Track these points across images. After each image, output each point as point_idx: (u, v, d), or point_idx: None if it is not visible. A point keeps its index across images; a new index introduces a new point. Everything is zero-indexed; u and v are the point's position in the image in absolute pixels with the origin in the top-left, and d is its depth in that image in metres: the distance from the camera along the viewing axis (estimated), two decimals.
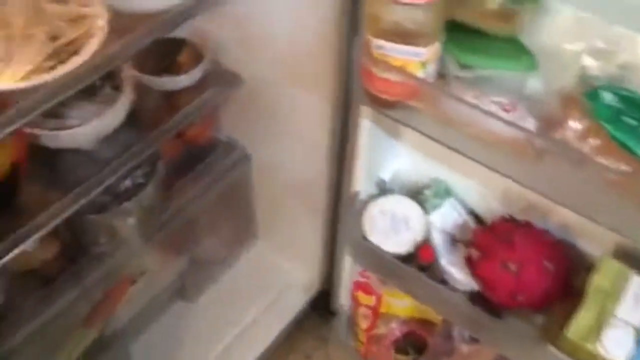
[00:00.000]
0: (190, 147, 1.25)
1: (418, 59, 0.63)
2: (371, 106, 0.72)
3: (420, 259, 0.92)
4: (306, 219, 1.30)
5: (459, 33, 0.64)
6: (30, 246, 1.06)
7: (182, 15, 0.90)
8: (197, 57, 1.07)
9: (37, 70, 0.78)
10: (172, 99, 1.09)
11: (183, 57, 1.06)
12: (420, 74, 0.64)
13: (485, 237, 0.86)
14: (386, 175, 1.00)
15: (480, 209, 0.96)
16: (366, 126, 0.87)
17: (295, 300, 1.47)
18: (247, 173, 1.34)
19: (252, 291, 1.48)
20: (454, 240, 0.95)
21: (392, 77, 0.64)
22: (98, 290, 1.13)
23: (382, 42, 0.62)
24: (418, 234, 0.95)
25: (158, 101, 1.09)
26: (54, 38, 0.81)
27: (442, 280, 0.95)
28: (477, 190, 0.94)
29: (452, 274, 0.93)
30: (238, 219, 1.48)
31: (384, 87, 0.66)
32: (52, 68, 0.79)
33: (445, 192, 0.96)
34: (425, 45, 0.62)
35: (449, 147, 0.68)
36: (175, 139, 1.20)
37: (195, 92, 1.09)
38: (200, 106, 1.09)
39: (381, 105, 0.70)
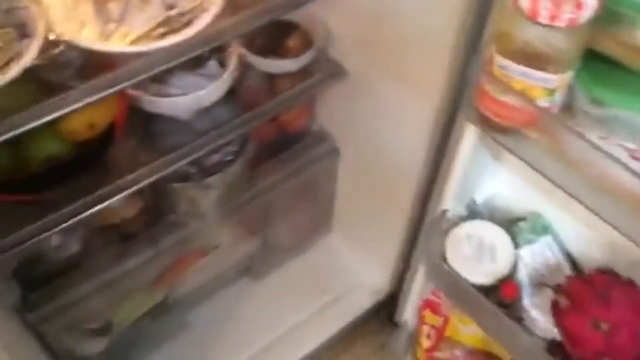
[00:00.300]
0: (282, 132, 1.23)
1: (545, 86, 0.57)
2: (479, 126, 0.67)
3: (501, 294, 0.86)
4: (386, 224, 1.26)
5: (596, 64, 0.57)
6: (114, 203, 1.09)
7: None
8: (306, 43, 1.04)
9: (147, 37, 0.79)
10: (274, 81, 1.08)
11: (292, 41, 1.03)
12: (544, 102, 0.58)
13: (579, 287, 0.79)
14: (479, 197, 0.94)
15: (579, 254, 0.88)
16: (468, 143, 0.81)
17: (359, 302, 1.44)
18: (333, 166, 1.31)
19: (317, 284, 1.46)
20: (541, 281, 0.88)
21: (511, 100, 0.59)
22: (170, 255, 1.15)
23: (507, 62, 0.57)
24: (504, 267, 0.88)
25: (260, 82, 1.08)
26: (169, 7, 0.82)
27: (520, 319, 0.89)
28: (580, 233, 0.86)
29: (532, 317, 0.86)
30: (316, 210, 1.46)
31: (499, 110, 0.61)
32: (163, 36, 0.79)
33: (542, 229, 0.89)
34: (555, 72, 0.56)
35: (558, 186, 0.62)
36: (269, 122, 1.19)
37: (297, 78, 1.07)
38: (301, 93, 1.07)
39: (491, 127, 0.64)
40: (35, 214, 0.91)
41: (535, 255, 0.89)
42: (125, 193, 0.96)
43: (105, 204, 0.94)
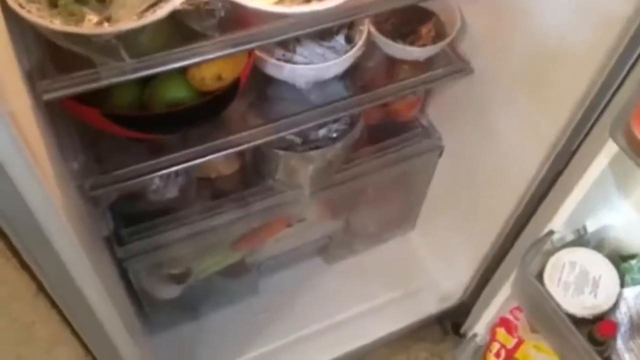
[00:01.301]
0: (390, 119, 1.21)
1: None
2: (627, 150, 0.63)
3: (598, 331, 0.81)
4: (473, 233, 1.22)
5: None
6: (217, 158, 1.11)
7: None
8: (439, 34, 1.02)
9: (292, 0, 0.79)
10: (395, 66, 1.06)
11: (425, 29, 1.01)
12: None
13: None
14: (591, 225, 0.89)
15: None
16: (600, 166, 0.77)
17: (427, 305, 1.41)
18: (433, 163, 1.28)
19: (389, 278, 1.44)
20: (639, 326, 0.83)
21: None
22: (257, 219, 1.16)
23: None
24: (604, 303, 0.83)
25: (382, 65, 1.07)
26: None
27: (608, 359, 0.84)
28: None
29: None
30: (404, 204, 1.43)
31: None
32: (307, 2, 0.78)
33: None
34: None
35: None
36: (379, 108, 1.18)
37: (421, 67, 1.05)
38: (421, 83, 1.05)
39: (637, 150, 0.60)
40: (145, 155, 0.94)
41: None
42: (231, 150, 0.97)
43: (211, 157, 0.96)
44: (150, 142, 0.95)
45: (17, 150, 0.59)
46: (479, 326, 1.22)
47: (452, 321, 1.42)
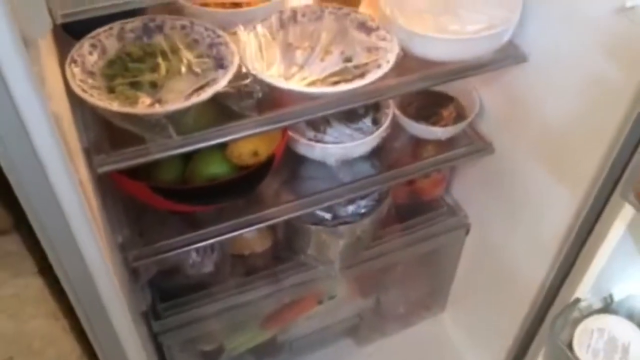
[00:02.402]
0: (416, 198, 1.26)
1: None
2: (637, 206, 0.66)
3: None
4: (506, 309, 1.22)
5: None
6: (250, 233, 1.17)
7: (463, 70, 0.94)
8: (459, 116, 1.09)
9: (322, 82, 0.87)
10: (419, 146, 1.13)
11: (447, 112, 1.09)
12: None
13: None
14: (618, 295, 0.91)
15: None
16: (618, 232, 0.80)
17: None
18: (459, 242, 1.31)
19: None
20: None
21: None
22: (289, 295, 1.19)
23: None
24: None
25: (406, 145, 1.13)
26: (347, 59, 0.90)
27: None
28: None
29: None
30: (433, 285, 1.45)
31: None
32: (336, 83, 0.86)
33: None
34: None
35: None
36: (405, 185, 1.23)
37: (443, 147, 1.11)
38: (444, 162, 1.11)
39: None
40: (184, 229, 1.00)
41: None
42: (264, 224, 1.03)
43: (245, 230, 1.02)
44: (189, 218, 1.01)
45: (84, 218, 0.65)
46: None
47: None
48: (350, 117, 1.08)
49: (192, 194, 0.91)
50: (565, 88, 0.93)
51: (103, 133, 0.85)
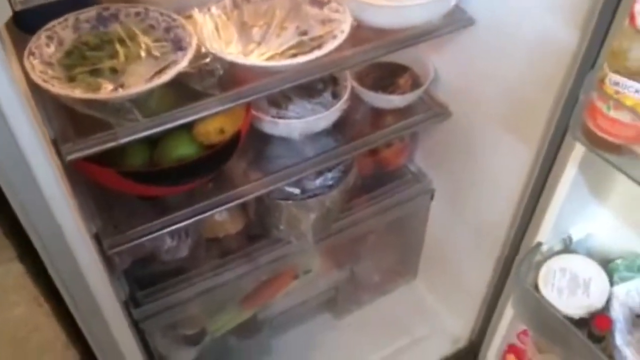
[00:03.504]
0: (381, 168, 1.30)
1: None
2: (588, 146, 0.71)
3: (593, 327, 0.86)
4: (475, 265, 1.28)
5: None
6: (222, 216, 1.19)
7: (414, 37, 0.97)
8: (415, 84, 1.13)
9: (281, 55, 0.90)
10: (379, 117, 1.16)
11: (403, 80, 1.12)
12: None
13: None
14: (576, 234, 0.96)
15: None
16: (571, 173, 0.85)
17: (439, 349, 1.43)
18: (425, 207, 1.36)
19: (397, 327, 1.48)
20: (635, 320, 0.87)
21: (620, 116, 0.63)
22: (265, 272, 1.22)
23: (619, 78, 0.62)
24: (597, 301, 0.89)
25: (366, 116, 1.17)
26: (302, 33, 0.93)
27: (611, 357, 0.88)
28: None
29: (625, 355, 0.85)
30: (404, 251, 1.50)
31: (609, 127, 0.65)
32: (294, 56, 0.89)
33: (639, 268, 0.90)
34: None
35: None
36: (369, 157, 1.27)
37: (402, 115, 1.15)
38: (403, 128, 1.15)
39: (600, 146, 0.69)
40: (156, 214, 1.01)
41: (631, 294, 0.89)
42: (235, 202, 1.05)
43: (217, 209, 1.04)
44: (160, 203, 1.03)
45: (66, 202, 0.67)
46: (491, 358, 1.25)
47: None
48: (310, 92, 1.10)
49: (162, 176, 0.93)
50: (512, 47, 0.97)
51: (67, 123, 0.86)
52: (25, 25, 0.88)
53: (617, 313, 0.88)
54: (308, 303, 1.41)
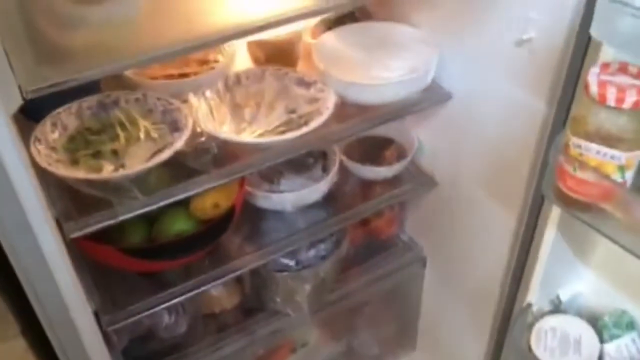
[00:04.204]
0: (372, 238, 1.34)
1: (616, 162, 0.66)
2: (561, 206, 0.75)
3: None
4: (470, 332, 1.28)
5: None
6: (218, 291, 1.21)
7: (397, 111, 1.04)
8: (401, 155, 1.19)
9: (271, 132, 0.95)
10: (368, 188, 1.21)
11: (389, 152, 1.18)
12: (617, 177, 0.67)
13: None
14: (564, 295, 0.99)
15: None
16: (552, 235, 0.89)
17: None
18: (419, 275, 1.38)
19: None
20: None
21: (587, 176, 0.68)
22: (263, 346, 1.22)
23: (581, 142, 0.67)
24: (588, 359, 0.90)
25: (356, 187, 1.22)
26: (291, 111, 0.99)
27: None
28: None
29: None
30: (401, 321, 1.50)
31: (577, 187, 0.70)
32: (283, 132, 0.95)
33: (628, 326, 0.91)
34: (626, 150, 0.65)
35: (637, 257, 0.68)
36: (360, 227, 1.31)
37: (390, 186, 1.20)
38: (391, 198, 1.19)
39: (571, 206, 0.73)
40: (154, 291, 1.04)
41: (621, 350, 0.90)
42: (231, 275, 1.08)
43: (214, 283, 1.07)
44: (158, 280, 1.05)
45: (73, 285, 0.71)
46: None
47: None
48: (301, 167, 1.16)
49: (160, 251, 0.96)
50: (488, 118, 1.04)
51: (70, 203, 0.90)
52: (29, 112, 0.94)
53: None
54: None
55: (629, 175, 0.68)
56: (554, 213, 0.87)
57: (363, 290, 1.30)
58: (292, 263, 1.18)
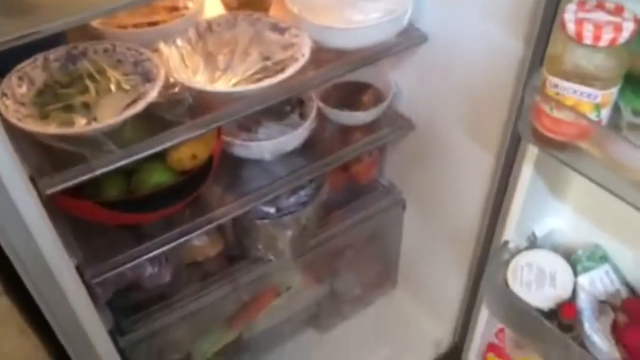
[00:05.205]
0: (353, 183, 1.34)
1: (592, 101, 0.66)
2: (538, 145, 0.76)
3: (561, 316, 0.90)
4: (450, 270, 1.32)
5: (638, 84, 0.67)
6: (201, 240, 1.21)
7: (373, 55, 1.02)
8: (378, 100, 1.18)
9: (247, 81, 0.94)
10: (347, 133, 1.21)
11: (366, 97, 1.17)
12: (592, 116, 0.67)
13: (638, 305, 0.83)
14: (540, 231, 1.01)
15: (636, 281, 0.93)
16: (528, 173, 0.90)
17: (422, 354, 1.47)
18: (399, 217, 1.40)
19: (381, 337, 1.50)
20: (601, 307, 0.92)
21: (563, 116, 0.68)
22: (247, 292, 1.24)
23: (558, 81, 0.67)
24: (563, 292, 0.93)
25: (334, 133, 1.21)
26: (265, 58, 0.97)
27: (582, 345, 0.92)
28: (637, 260, 0.91)
29: (594, 341, 0.90)
30: (381, 262, 1.53)
31: (554, 126, 0.70)
32: (259, 80, 0.93)
33: (601, 259, 0.94)
34: (601, 88, 0.65)
35: (611, 192, 0.70)
36: (340, 173, 1.31)
37: (368, 131, 1.20)
38: (370, 143, 1.19)
39: (548, 145, 0.74)
40: (135, 242, 1.04)
41: (594, 283, 0.93)
42: (212, 225, 1.08)
43: (195, 233, 1.07)
44: (139, 232, 1.05)
45: (52, 241, 0.70)
46: (472, 359, 1.29)
47: None
48: (278, 115, 1.15)
49: (139, 204, 0.95)
50: (465, 58, 1.03)
51: (43, 159, 0.89)
52: None
53: (584, 302, 0.93)
54: (292, 320, 1.44)
55: (605, 113, 0.69)
56: (531, 152, 0.88)
57: (344, 234, 1.32)
58: (272, 210, 1.18)
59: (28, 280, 0.79)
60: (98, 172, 0.86)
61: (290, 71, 0.92)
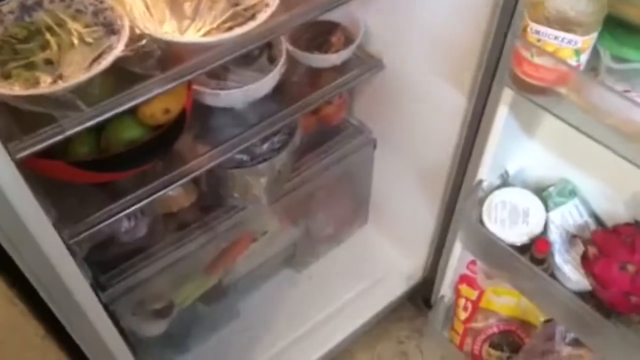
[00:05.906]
0: (323, 125, 1.34)
1: (572, 47, 0.67)
2: (516, 90, 0.77)
3: (535, 251, 0.95)
4: (421, 206, 1.35)
5: (618, 28, 0.68)
6: (175, 191, 1.20)
7: None
8: (348, 40, 1.16)
9: (217, 30, 0.90)
10: (317, 76, 1.19)
11: (335, 38, 1.15)
12: (572, 61, 0.68)
13: (606, 237, 0.88)
14: (511, 169, 1.04)
15: (605, 214, 0.97)
16: (503, 114, 0.92)
17: (395, 287, 1.52)
18: (369, 157, 1.41)
19: (355, 272, 1.55)
20: (571, 240, 0.97)
21: (543, 61, 0.69)
22: (224, 239, 1.25)
23: (539, 27, 0.67)
24: (536, 227, 0.98)
25: (304, 76, 1.19)
26: (235, 4, 0.93)
27: (552, 276, 0.98)
28: (604, 193, 0.95)
29: (564, 273, 0.95)
30: (353, 200, 1.56)
31: (534, 72, 0.71)
32: (230, 29, 0.90)
33: (570, 193, 0.98)
34: (582, 34, 0.66)
35: (588, 136, 0.72)
36: (311, 116, 1.30)
37: (339, 72, 1.18)
38: (342, 85, 1.18)
39: (527, 90, 0.75)
40: (110, 200, 1.02)
41: (565, 217, 0.98)
42: (187, 179, 1.07)
43: (170, 188, 1.05)
44: (113, 189, 1.03)
45: (29, 202, 0.68)
46: (445, 290, 1.35)
47: (422, 296, 1.54)
48: (247, 60, 1.12)
49: (112, 162, 0.93)
50: None
51: (10, 122, 0.85)
52: None
53: (555, 235, 0.97)
54: (269, 262, 1.46)
55: (584, 57, 0.70)
56: (506, 94, 0.89)
57: (317, 176, 1.32)
58: (246, 158, 1.17)
59: (7, 244, 0.77)
60: (69, 132, 0.82)
61: (261, 18, 0.89)
